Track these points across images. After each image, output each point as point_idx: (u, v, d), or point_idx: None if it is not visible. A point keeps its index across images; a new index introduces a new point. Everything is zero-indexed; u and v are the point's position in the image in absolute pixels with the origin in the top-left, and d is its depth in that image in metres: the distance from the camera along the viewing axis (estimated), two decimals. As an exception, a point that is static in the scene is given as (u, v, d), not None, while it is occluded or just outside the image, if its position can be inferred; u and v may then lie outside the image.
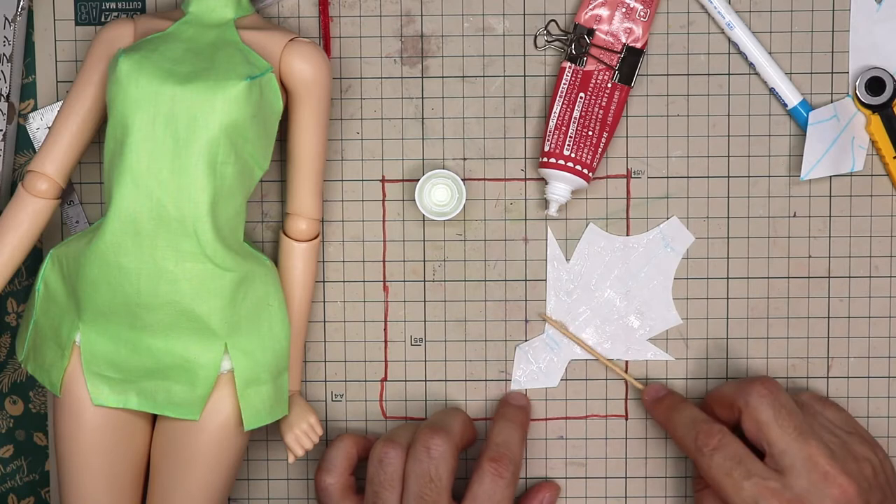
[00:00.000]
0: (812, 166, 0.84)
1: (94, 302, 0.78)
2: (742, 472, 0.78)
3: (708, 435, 0.79)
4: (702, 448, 0.79)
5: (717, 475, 0.79)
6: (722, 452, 0.79)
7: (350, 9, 0.85)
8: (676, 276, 0.85)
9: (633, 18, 0.83)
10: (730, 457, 0.78)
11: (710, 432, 0.79)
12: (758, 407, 0.79)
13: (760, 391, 0.79)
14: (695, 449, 0.80)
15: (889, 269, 0.85)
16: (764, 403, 0.79)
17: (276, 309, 0.80)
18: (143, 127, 0.75)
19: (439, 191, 0.83)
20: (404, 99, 0.85)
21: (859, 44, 0.84)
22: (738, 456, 0.78)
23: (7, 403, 0.88)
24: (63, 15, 0.85)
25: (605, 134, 0.83)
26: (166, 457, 0.80)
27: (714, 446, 0.79)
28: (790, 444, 0.78)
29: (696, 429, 0.80)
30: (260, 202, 0.85)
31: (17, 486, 0.88)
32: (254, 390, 0.79)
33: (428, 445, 0.80)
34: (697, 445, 0.79)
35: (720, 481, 0.78)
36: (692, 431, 0.80)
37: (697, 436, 0.80)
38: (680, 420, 0.81)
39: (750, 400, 0.79)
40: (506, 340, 0.86)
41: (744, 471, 0.78)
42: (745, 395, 0.80)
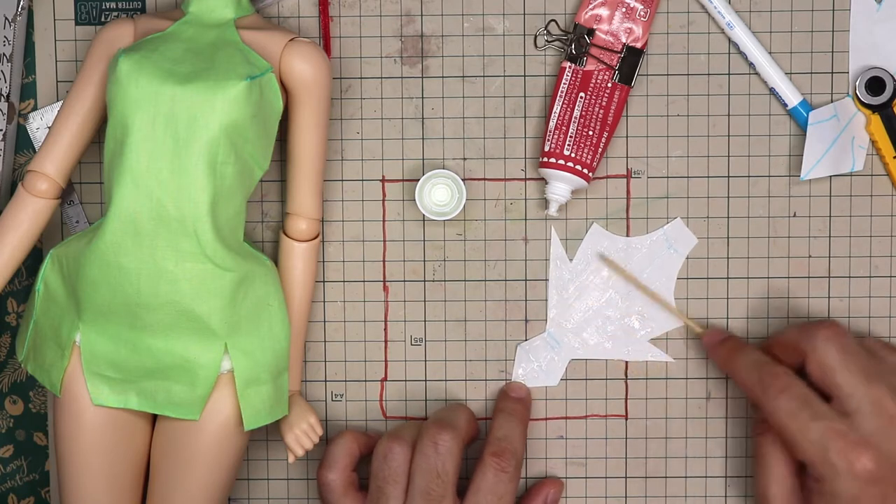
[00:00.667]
0: (812, 166, 0.84)
1: (94, 302, 0.78)
2: (809, 414, 0.77)
3: (773, 377, 0.78)
4: (767, 389, 0.78)
5: (782, 417, 0.78)
6: (788, 394, 0.78)
7: (350, 9, 0.85)
8: (677, 277, 0.85)
9: (633, 18, 0.83)
10: (796, 398, 0.77)
11: (775, 374, 0.79)
12: (825, 350, 0.78)
13: (827, 334, 0.78)
14: (760, 391, 0.79)
15: (889, 269, 0.85)
16: (831, 346, 0.78)
17: (276, 309, 0.80)
18: (143, 127, 0.75)
19: (439, 191, 0.83)
20: (404, 99, 0.85)
21: (859, 44, 0.84)
22: (804, 398, 0.78)
23: (7, 403, 0.88)
24: (63, 15, 0.85)
25: (606, 134, 0.83)
26: (166, 457, 0.80)
27: (780, 388, 0.78)
28: (857, 388, 0.77)
29: (761, 371, 0.79)
30: (260, 202, 0.85)
31: (17, 486, 0.88)
32: (254, 390, 0.79)
33: (435, 441, 0.80)
34: (763, 386, 0.78)
35: (786, 423, 0.78)
36: (756, 374, 0.79)
37: (762, 378, 0.79)
38: (743, 363, 0.81)
39: (816, 343, 0.78)
40: (506, 340, 0.86)
41: (811, 412, 0.77)
42: (811, 339, 0.79)
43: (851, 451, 0.76)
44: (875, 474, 0.76)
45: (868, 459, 0.76)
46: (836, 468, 0.76)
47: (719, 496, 0.87)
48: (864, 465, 0.76)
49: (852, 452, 0.76)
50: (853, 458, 0.76)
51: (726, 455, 0.86)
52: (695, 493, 0.87)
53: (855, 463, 0.76)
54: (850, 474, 0.76)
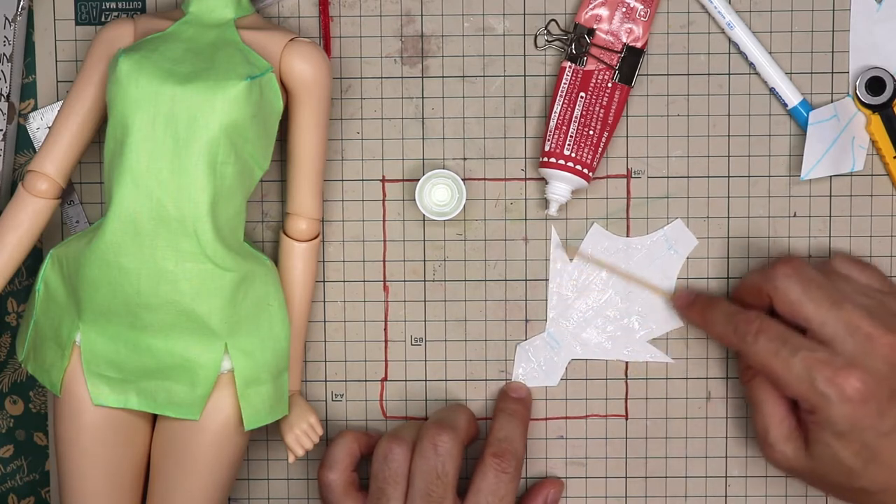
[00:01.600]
0: (812, 166, 0.84)
1: (94, 302, 0.78)
2: (789, 349, 0.77)
3: (747, 322, 0.79)
4: (744, 336, 0.79)
5: (764, 358, 0.78)
6: (765, 335, 0.78)
7: (350, 9, 0.85)
8: (677, 277, 0.85)
9: (633, 18, 0.83)
10: (773, 337, 0.78)
11: (748, 319, 0.79)
12: (786, 287, 0.79)
13: (786, 270, 0.79)
14: (737, 339, 0.79)
15: (889, 268, 0.85)
16: (791, 282, 0.79)
17: (276, 309, 0.80)
18: (143, 127, 0.75)
19: (439, 191, 0.83)
20: (404, 99, 0.85)
21: (859, 44, 0.84)
22: (781, 335, 0.78)
23: (7, 403, 0.88)
24: (63, 15, 0.85)
25: (606, 134, 0.83)
26: (166, 457, 0.80)
27: (756, 331, 0.79)
28: (827, 315, 0.77)
29: (734, 319, 0.80)
30: (260, 202, 0.85)
31: (17, 486, 0.88)
32: (254, 390, 0.79)
33: (435, 442, 0.80)
34: (739, 334, 0.79)
35: (768, 363, 0.78)
36: (731, 324, 0.80)
37: (737, 325, 0.79)
38: (716, 316, 0.81)
39: (777, 283, 0.79)
40: (506, 340, 0.86)
41: (790, 347, 0.77)
42: (771, 280, 0.79)
43: (838, 376, 0.76)
44: (865, 393, 0.76)
45: (856, 380, 0.76)
46: (827, 396, 0.77)
47: (719, 496, 0.87)
48: (852, 385, 0.76)
49: (839, 376, 0.76)
50: (841, 381, 0.76)
51: (726, 455, 0.86)
52: (695, 493, 0.87)
53: (844, 386, 0.76)
54: (841, 399, 0.76)
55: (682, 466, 0.87)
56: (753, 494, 0.86)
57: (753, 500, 0.87)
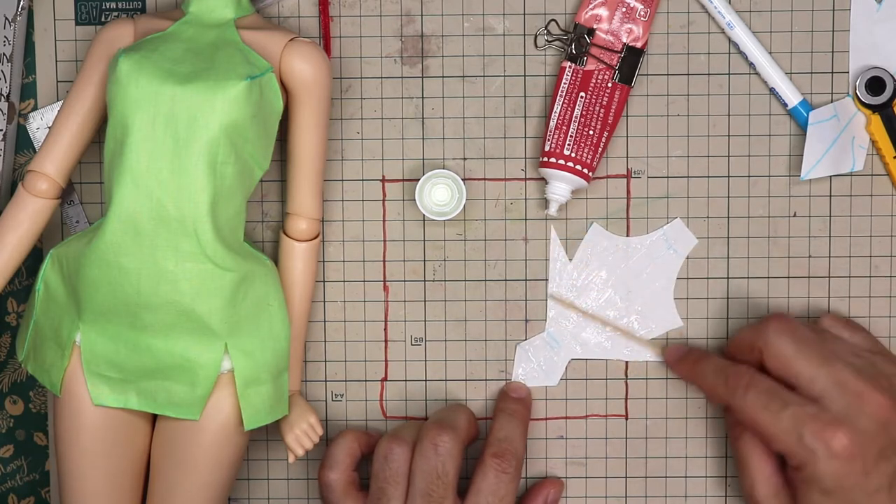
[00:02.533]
0: (812, 166, 0.84)
1: (94, 302, 0.78)
2: (778, 404, 0.78)
3: (737, 376, 0.79)
4: (734, 389, 0.79)
5: (753, 412, 0.78)
6: (755, 389, 0.78)
7: (350, 9, 0.85)
8: (677, 277, 0.85)
9: (633, 18, 0.83)
10: (763, 391, 0.78)
11: (738, 373, 0.79)
12: (777, 342, 0.79)
13: (777, 326, 0.79)
14: (727, 392, 0.79)
15: (889, 268, 0.85)
16: (783, 338, 0.79)
17: (276, 309, 0.80)
18: (143, 127, 0.75)
19: (439, 191, 0.83)
20: (404, 99, 0.85)
21: (859, 44, 0.84)
22: (771, 389, 0.78)
23: (7, 403, 0.88)
24: (63, 15, 0.85)
25: (606, 134, 0.83)
26: (166, 457, 0.80)
27: (746, 384, 0.79)
28: (817, 372, 0.78)
29: (725, 373, 0.80)
30: (260, 202, 0.85)
31: (17, 486, 0.88)
32: (254, 390, 0.79)
33: (435, 442, 0.80)
34: (729, 388, 0.79)
35: (757, 417, 0.78)
36: (721, 377, 0.80)
37: (727, 379, 0.80)
38: (706, 370, 0.82)
39: (769, 338, 0.79)
40: (506, 340, 0.86)
41: (780, 402, 0.78)
42: (763, 335, 0.79)
43: (826, 431, 0.76)
44: (852, 450, 0.76)
45: (843, 436, 0.76)
46: (814, 451, 0.77)
47: (719, 496, 0.87)
48: (840, 441, 0.76)
49: (827, 431, 0.76)
50: (828, 437, 0.76)
51: (726, 455, 0.86)
52: (695, 493, 0.87)
53: (831, 442, 0.76)
54: (828, 454, 0.76)
55: (682, 466, 0.87)
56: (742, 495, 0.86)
57: (753, 500, 0.87)
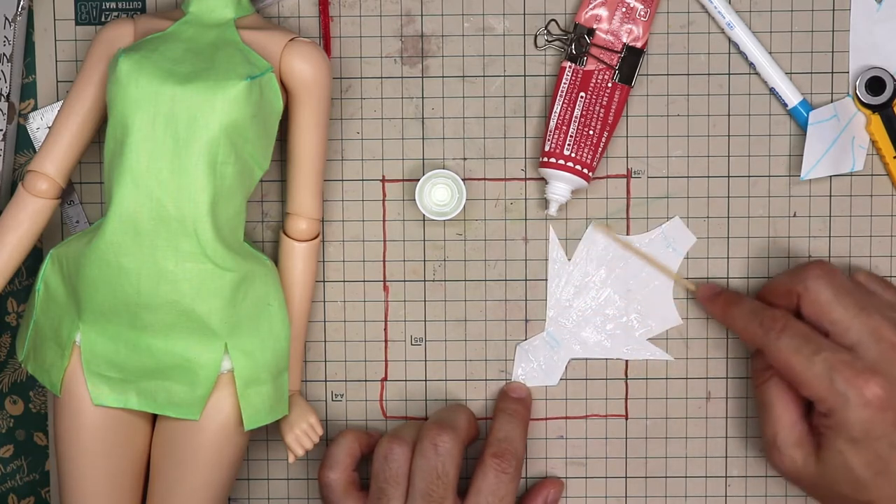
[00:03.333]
0: (812, 166, 0.84)
1: (94, 302, 0.78)
2: (812, 348, 0.77)
3: (772, 319, 0.79)
4: (768, 332, 0.79)
5: (786, 355, 0.78)
6: (789, 332, 0.78)
7: (350, 9, 0.85)
8: (676, 276, 0.86)
9: (633, 18, 0.83)
10: (797, 335, 0.78)
11: (773, 317, 0.79)
12: (816, 288, 0.79)
13: (817, 272, 0.79)
14: (761, 334, 0.79)
15: (889, 269, 0.85)
16: (822, 284, 0.79)
17: (276, 309, 0.80)
18: (143, 127, 0.75)
19: (439, 191, 0.84)
20: (404, 99, 0.85)
21: (859, 44, 0.84)
22: (805, 334, 0.78)
23: (7, 403, 0.88)
24: (63, 15, 0.85)
25: (606, 134, 0.83)
26: (166, 457, 0.80)
27: (780, 328, 0.79)
28: (853, 320, 0.78)
29: (759, 316, 0.80)
30: (260, 202, 0.85)
31: (17, 485, 0.88)
32: (254, 390, 0.79)
33: (435, 442, 0.80)
34: (764, 330, 0.79)
35: (790, 361, 0.78)
36: (755, 319, 0.80)
37: (762, 321, 0.79)
38: (740, 312, 0.81)
39: (808, 283, 0.79)
40: (506, 340, 0.86)
41: (813, 346, 0.77)
42: (802, 280, 0.79)
43: (859, 378, 0.76)
44: (884, 399, 0.76)
45: (876, 385, 0.76)
46: (846, 397, 0.76)
47: (719, 496, 0.87)
48: (873, 390, 0.76)
49: (860, 379, 0.76)
50: (861, 384, 0.76)
51: (726, 455, 0.86)
52: (695, 493, 0.87)
53: (864, 389, 0.76)
54: (860, 402, 0.76)
55: (682, 466, 0.87)
56: (753, 494, 0.86)
57: (753, 500, 0.87)
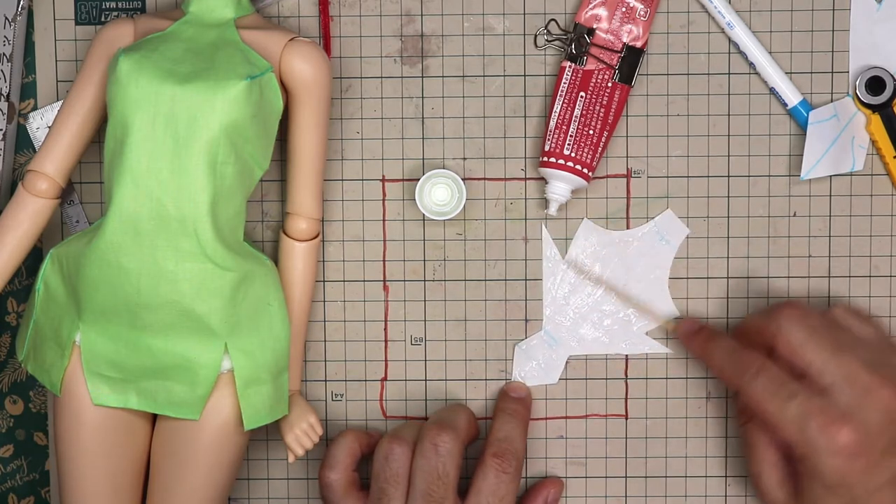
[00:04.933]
0: (812, 166, 0.84)
1: (94, 302, 0.78)
2: (786, 393, 0.77)
3: (748, 362, 0.79)
4: (742, 374, 0.79)
5: (760, 398, 0.78)
6: (764, 376, 0.78)
7: (350, 8, 0.85)
8: (677, 276, 0.86)
9: (633, 18, 0.83)
10: (772, 379, 0.78)
11: (749, 359, 0.79)
12: (789, 330, 0.78)
13: (790, 313, 0.79)
14: (736, 376, 0.79)
15: (889, 268, 0.85)
16: (795, 325, 0.78)
17: (276, 308, 0.80)
18: (143, 127, 0.75)
19: (439, 190, 0.84)
20: (404, 98, 0.85)
21: (859, 43, 0.84)
22: (779, 378, 0.78)
23: (7, 403, 0.88)
24: (63, 14, 0.85)
25: (606, 133, 0.83)
26: (166, 456, 0.80)
27: (755, 371, 0.78)
28: (827, 363, 0.77)
29: (735, 357, 0.80)
30: (260, 202, 0.85)
31: (17, 485, 0.88)
32: (254, 390, 0.79)
33: (436, 442, 0.80)
34: (738, 372, 0.79)
35: (764, 404, 0.78)
36: (731, 360, 0.80)
37: (738, 362, 0.79)
38: (717, 350, 0.81)
39: (781, 324, 0.79)
40: (506, 340, 0.86)
41: (787, 391, 0.77)
42: (775, 320, 0.79)
43: (831, 426, 0.76)
44: (856, 446, 0.76)
45: (848, 431, 0.76)
46: (817, 445, 0.76)
47: (719, 496, 0.87)
48: (844, 437, 0.76)
49: (832, 427, 0.76)
50: (833, 432, 0.76)
51: (726, 455, 0.87)
52: (695, 493, 0.87)
53: (836, 437, 0.76)
54: (831, 450, 0.76)
55: (682, 466, 0.87)
56: (753, 494, 0.86)
57: (753, 500, 0.87)
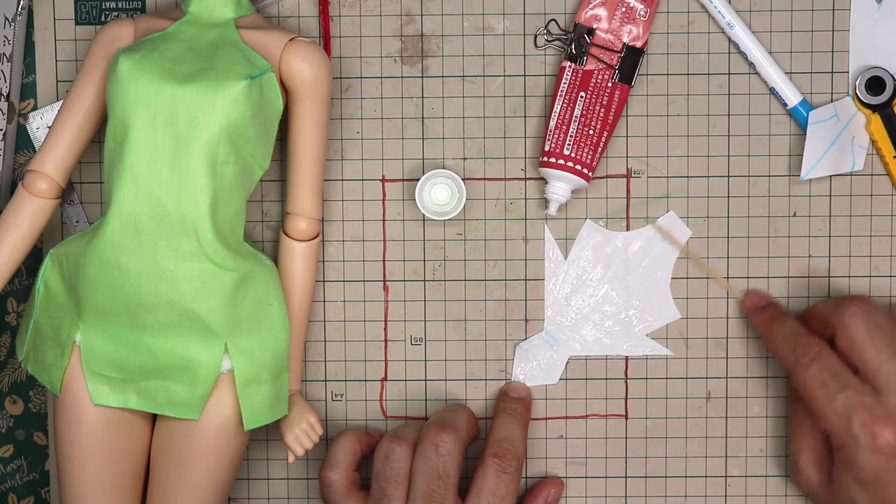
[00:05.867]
0: (812, 166, 0.84)
1: (94, 301, 0.78)
2: (837, 385, 0.77)
3: (806, 347, 0.79)
4: (799, 359, 0.79)
5: (811, 386, 0.78)
6: (819, 364, 0.78)
7: (350, 8, 0.85)
8: (677, 276, 0.86)
9: (633, 18, 0.83)
10: (826, 368, 0.78)
11: (808, 344, 0.79)
12: (852, 325, 0.79)
13: (855, 310, 0.79)
14: (792, 359, 0.80)
15: (889, 268, 0.85)
16: (858, 322, 0.79)
17: (276, 308, 0.80)
18: (143, 127, 0.75)
19: (439, 190, 0.84)
20: (404, 98, 0.85)
21: (859, 43, 0.84)
22: (834, 368, 0.78)
23: (7, 403, 0.88)
24: (63, 14, 0.85)
25: (606, 133, 0.83)
26: (166, 457, 0.80)
27: (812, 357, 0.79)
28: (884, 364, 0.78)
29: (795, 340, 0.80)
30: (260, 202, 0.85)
31: (17, 485, 0.88)
32: (254, 390, 0.79)
33: (436, 442, 0.80)
34: (795, 356, 0.79)
35: (814, 392, 0.78)
36: (791, 342, 0.80)
37: (796, 347, 0.80)
38: (780, 331, 0.81)
39: (844, 318, 0.79)
40: (506, 340, 0.86)
41: (839, 383, 0.78)
42: (839, 314, 0.79)
43: (875, 424, 0.76)
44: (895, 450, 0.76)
45: (891, 433, 0.76)
46: (858, 440, 0.77)
47: (719, 496, 0.87)
48: (886, 439, 0.76)
49: (876, 425, 0.76)
50: (876, 431, 0.76)
51: (726, 455, 0.86)
52: (695, 493, 0.87)
53: (877, 436, 0.76)
54: (871, 448, 0.76)
55: (682, 466, 0.87)
56: (753, 494, 0.86)
57: (753, 500, 0.87)
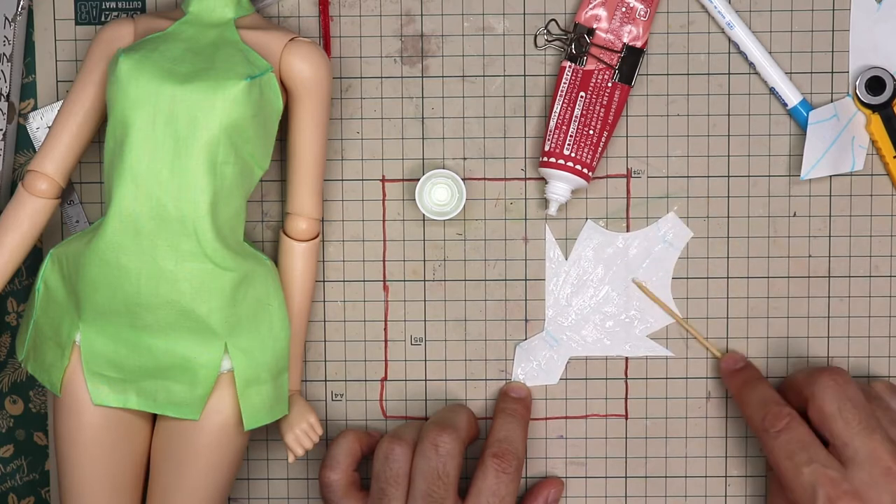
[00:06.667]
0: (812, 166, 0.84)
1: (94, 301, 0.78)
2: (804, 457, 0.77)
3: (776, 417, 0.79)
4: (768, 428, 0.79)
5: (779, 456, 0.78)
6: (787, 435, 0.78)
7: (350, 8, 0.85)
8: (677, 276, 0.86)
9: (633, 18, 0.83)
10: (794, 440, 0.78)
11: (778, 414, 0.79)
12: (823, 398, 0.78)
13: (827, 382, 0.79)
14: (761, 428, 0.80)
15: (889, 268, 0.85)
16: (829, 395, 0.78)
17: (276, 308, 0.80)
18: (143, 127, 0.75)
19: (439, 190, 0.84)
20: (404, 98, 0.85)
21: (859, 43, 0.84)
22: (802, 441, 0.78)
23: (7, 403, 0.88)
24: (63, 14, 0.85)
25: (606, 133, 0.83)
26: (166, 457, 0.80)
27: (780, 428, 0.79)
28: (853, 438, 0.77)
29: (766, 409, 0.80)
30: (260, 202, 0.85)
31: (17, 485, 0.88)
32: (254, 390, 0.79)
33: (436, 443, 0.80)
34: (764, 426, 0.79)
35: (781, 463, 0.78)
36: (762, 410, 0.80)
37: (766, 416, 0.80)
38: (752, 397, 0.81)
39: (816, 390, 0.79)
40: (506, 340, 0.86)
41: (806, 456, 0.77)
42: (811, 385, 0.79)
43: (840, 499, 0.76)
44: None
45: None
46: None
47: (719, 496, 0.87)
48: None
49: (841, 500, 0.76)
50: None
51: (726, 455, 0.87)
52: (695, 493, 0.87)
53: None
54: None
55: (682, 466, 0.87)
56: (753, 494, 0.86)
57: (753, 500, 0.87)
